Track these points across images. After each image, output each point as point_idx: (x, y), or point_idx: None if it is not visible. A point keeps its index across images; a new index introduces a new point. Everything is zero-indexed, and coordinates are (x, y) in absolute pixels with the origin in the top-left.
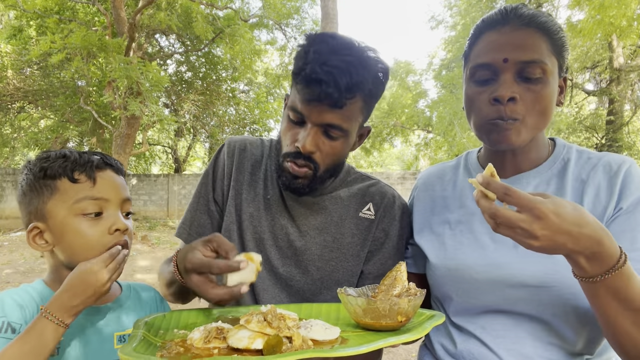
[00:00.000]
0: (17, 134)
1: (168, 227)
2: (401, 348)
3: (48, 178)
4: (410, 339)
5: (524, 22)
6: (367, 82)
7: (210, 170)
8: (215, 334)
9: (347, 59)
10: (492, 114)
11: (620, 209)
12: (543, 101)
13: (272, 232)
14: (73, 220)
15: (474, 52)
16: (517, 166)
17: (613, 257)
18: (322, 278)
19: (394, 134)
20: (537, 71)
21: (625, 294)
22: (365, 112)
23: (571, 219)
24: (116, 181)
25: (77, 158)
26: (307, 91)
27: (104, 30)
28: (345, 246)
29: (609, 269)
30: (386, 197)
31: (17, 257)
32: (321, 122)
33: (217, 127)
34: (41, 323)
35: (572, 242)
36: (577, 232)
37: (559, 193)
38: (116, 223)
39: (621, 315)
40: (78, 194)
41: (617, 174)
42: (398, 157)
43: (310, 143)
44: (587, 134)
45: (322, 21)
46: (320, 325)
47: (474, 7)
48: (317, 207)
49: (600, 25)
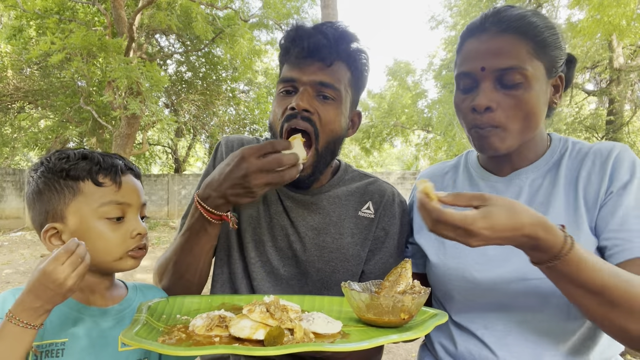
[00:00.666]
0: (17, 134)
1: (168, 227)
2: (401, 348)
3: (70, 179)
4: (413, 337)
5: (502, 28)
6: (350, 43)
7: (210, 170)
8: (217, 322)
9: (333, 25)
10: (472, 122)
11: (611, 192)
12: (525, 106)
13: (271, 234)
14: (96, 224)
15: (458, 59)
16: (514, 164)
17: (555, 247)
18: (322, 279)
19: (394, 134)
20: (516, 77)
21: (578, 279)
22: (353, 88)
23: (505, 227)
24: (137, 185)
25: (100, 161)
26: (296, 50)
27: (104, 30)
28: (345, 246)
29: (552, 257)
30: (385, 195)
31: (17, 257)
32: (313, 81)
33: (217, 127)
34: (7, 327)
35: (509, 242)
36: (511, 236)
37: (552, 185)
38: (137, 227)
39: (584, 298)
40: (103, 198)
41: (608, 159)
42: (398, 157)
43: (304, 100)
44: (587, 134)
45: (322, 21)
46: (322, 318)
47: (474, 7)
48: (315, 207)
49: (599, 25)
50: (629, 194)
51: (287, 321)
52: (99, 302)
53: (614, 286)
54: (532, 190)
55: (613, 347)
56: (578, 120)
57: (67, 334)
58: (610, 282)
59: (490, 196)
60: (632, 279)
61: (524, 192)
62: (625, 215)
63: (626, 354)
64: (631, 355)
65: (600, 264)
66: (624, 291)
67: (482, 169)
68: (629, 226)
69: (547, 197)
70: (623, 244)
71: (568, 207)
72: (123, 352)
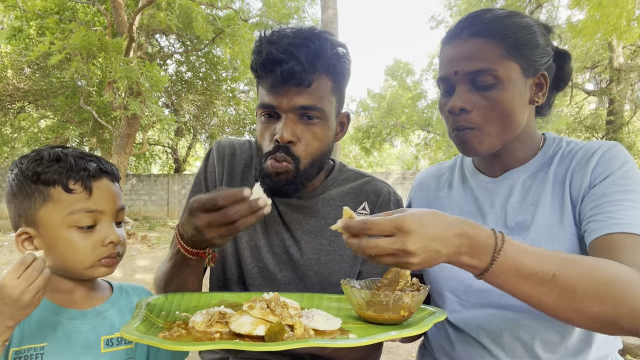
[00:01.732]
0: (17, 134)
1: (168, 227)
2: (401, 348)
3: (41, 183)
4: (412, 333)
5: (472, 32)
6: (326, 53)
7: (201, 177)
8: (217, 318)
9: (302, 35)
10: (452, 124)
11: (594, 185)
12: (500, 106)
13: (267, 240)
14: (65, 232)
15: (439, 65)
16: (505, 165)
17: (489, 241)
18: (320, 282)
19: (393, 134)
20: (488, 79)
21: (524, 269)
22: (337, 93)
23: (435, 224)
24: (112, 190)
25: (72, 165)
26: (270, 78)
27: (103, 30)
28: (341, 248)
29: (492, 253)
30: (381, 195)
31: (17, 257)
32: (293, 107)
33: (217, 127)
34: None
35: (445, 246)
36: (445, 234)
37: (542, 184)
38: (110, 236)
39: (540, 292)
40: (72, 206)
41: (594, 155)
42: (398, 157)
43: (287, 131)
44: (587, 134)
45: (322, 21)
46: (322, 315)
47: (474, 7)
48: (310, 210)
49: (599, 26)
50: (607, 184)
51: (288, 317)
52: (78, 305)
53: (564, 268)
54: (524, 190)
55: (611, 344)
56: (578, 120)
57: (45, 338)
58: (559, 265)
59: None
60: (576, 258)
61: (515, 192)
62: (602, 202)
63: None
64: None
65: (542, 252)
66: (577, 272)
67: (476, 169)
68: (601, 209)
69: (537, 197)
70: (594, 225)
71: (554, 205)
72: (106, 354)
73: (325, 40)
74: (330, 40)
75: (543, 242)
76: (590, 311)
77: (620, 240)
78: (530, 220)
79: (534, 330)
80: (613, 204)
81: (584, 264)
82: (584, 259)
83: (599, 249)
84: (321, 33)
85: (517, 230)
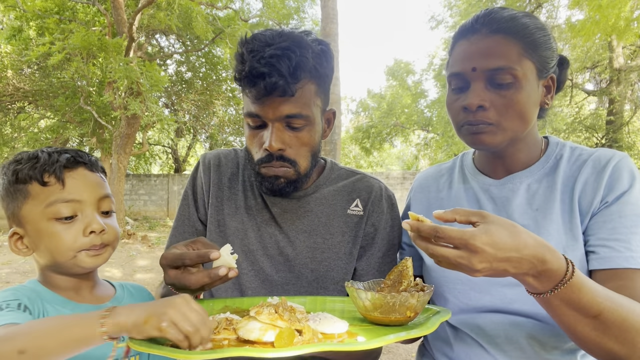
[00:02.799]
0: (17, 134)
1: (168, 227)
2: (401, 348)
3: (20, 182)
4: (420, 334)
5: (493, 29)
6: (308, 61)
7: (189, 191)
8: (224, 325)
9: (281, 45)
10: (463, 119)
11: (606, 202)
12: (516, 105)
13: (261, 242)
14: (47, 225)
15: (450, 60)
16: (508, 167)
17: (560, 271)
18: (317, 279)
19: (393, 133)
20: (507, 77)
21: (578, 303)
22: (322, 94)
23: (509, 245)
24: (90, 179)
25: (46, 159)
26: (254, 90)
27: (103, 29)
28: (336, 245)
29: (558, 283)
30: (373, 191)
31: (17, 257)
32: (279, 116)
33: (217, 127)
34: (90, 320)
35: (514, 267)
36: (517, 257)
37: (549, 191)
38: (91, 224)
39: (580, 323)
40: (49, 198)
41: (605, 168)
42: (398, 157)
43: (276, 140)
44: (587, 134)
45: (322, 21)
46: (328, 318)
47: (474, 7)
48: (303, 210)
49: (599, 26)
50: (623, 205)
51: (296, 322)
52: (87, 301)
53: (610, 309)
54: (529, 196)
55: None
56: (578, 120)
57: None
58: (607, 306)
59: (490, 214)
60: (623, 301)
61: (519, 196)
62: (617, 225)
63: None
64: None
65: (596, 287)
66: (618, 314)
67: (477, 171)
68: (618, 236)
69: (544, 203)
70: (610, 252)
71: (564, 214)
72: (118, 349)
73: (306, 48)
74: (310, 44)
75: None
76: (608, 347)
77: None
78: (534, 226)
79: (532, 331)
80: (629, 230)
81: (627, 307)
82: (627, 302)
83: (609, 279)
84: (301, 38)
85: None
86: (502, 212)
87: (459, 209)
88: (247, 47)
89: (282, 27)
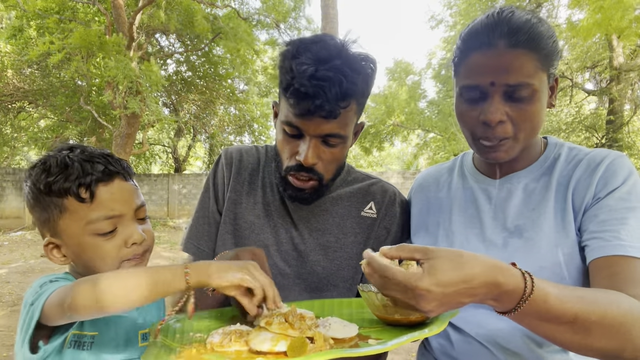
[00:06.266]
0: (17, 133)
1: (168, 227)
2: (401, 348)
3: (54, 195)
4: (433, 332)
5: (512, 43)
6: (357, 87)
7: (210, 183)
8: (235, 338)
9: (335, 65)
10: (482, 134)
11: (598, 198)
12: (534, 118)
13: (275, 238)
14: (88, 239)
15: (462, 70)
16: (509, 168)
17: (518, 290)
18: (328, 276)
19: (393, 133)
20: (526, 92)
21: (548, 314)
22: (359, 112)
23: (455, 279)
24: (126, 190)
25: (79, 172)
26: (299, 106)
27: (101, 26)
28: (348, 245)
29: (519, 300)
30: (387, 196)
31: (17, 257)
32: (319, 134)
33: (217, 127)
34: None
35: (468, 297)
36: (467, 288)
37: (545, 190)
38: (132, 236)
39: (558, 331)
40: (89, 215)
41: (599, 166)
42: (398, 157)
43: (312, 156)
44: (587, 134)
45: (322, 21)
46: (337, 323)
47: (473, 7)
48: (319, 209)
49: (599, 26)
50: (614, 199)
51: (307, 330)
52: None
53: (585, 310)
54: (526, 194)
55: None
56: (578, 120)
57: (98, 328)
58: (580, 308)
59: (434, 249)
60: (598, 297)
61: (517, 195)
62: (607, 217)
63: None
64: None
65: (565, 292)
66: (596, 313)
67: (477, 171)
68: (607, 227)
69: (539, 203)
70: (599, 243)
71: (557, 212)
72: (142, 348)
73: (358, 72)
74: (363, 68)
75: (544, 246)
76: (598, 345)
77: (626, 265)
78: (530, 225)
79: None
80: (619, 222)
81: (602, 303)
82: (601, 297)
83: (601, 269)
84: (356, 58)
85: (516, 233)
86: (499, 213)
87: (405, 246)
88: (296, 61)
89: (335, 38)
